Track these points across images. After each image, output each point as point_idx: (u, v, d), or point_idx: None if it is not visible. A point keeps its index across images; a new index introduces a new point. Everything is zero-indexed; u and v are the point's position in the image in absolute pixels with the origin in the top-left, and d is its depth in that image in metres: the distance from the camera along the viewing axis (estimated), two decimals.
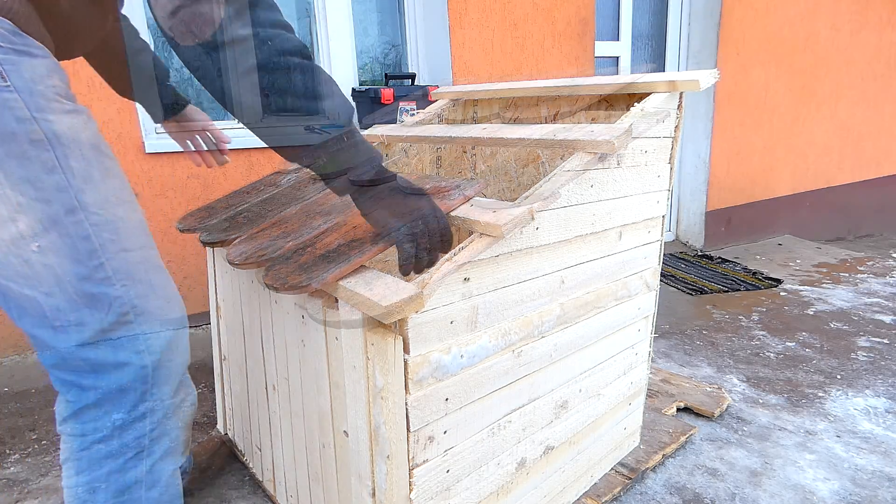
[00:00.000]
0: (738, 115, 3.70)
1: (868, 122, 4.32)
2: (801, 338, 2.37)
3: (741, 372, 2.07)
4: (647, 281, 1.36)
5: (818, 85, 3.98)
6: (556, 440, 1.20)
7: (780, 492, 1.41)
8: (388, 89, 2.30)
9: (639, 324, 1.38)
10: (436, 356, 0.88)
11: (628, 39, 3.47)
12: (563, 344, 1.14)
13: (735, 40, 3.53)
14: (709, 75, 1.20)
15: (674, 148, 1.31)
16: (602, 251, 1.19)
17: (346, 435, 0.97)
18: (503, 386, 1.03)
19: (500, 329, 0.99)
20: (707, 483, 1.45)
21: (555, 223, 1.04)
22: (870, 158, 4.44)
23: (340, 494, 1.04)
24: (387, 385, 0.83)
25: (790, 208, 4.13)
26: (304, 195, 1.27)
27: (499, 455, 1.06)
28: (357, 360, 0.88)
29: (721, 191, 3.78)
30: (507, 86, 1.58)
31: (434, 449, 0.92)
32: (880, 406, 1.82)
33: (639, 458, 1.47)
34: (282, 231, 1.09)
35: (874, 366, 2.10)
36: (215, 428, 1.66)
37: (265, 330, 1.20)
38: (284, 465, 1.25)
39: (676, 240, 3.97)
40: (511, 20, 2.84)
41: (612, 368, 1.32)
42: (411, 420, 0.87)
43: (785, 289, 3.01)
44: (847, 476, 1.47)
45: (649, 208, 1.29)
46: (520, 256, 0.99)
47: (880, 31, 4.13)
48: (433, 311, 0.86)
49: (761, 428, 1.69)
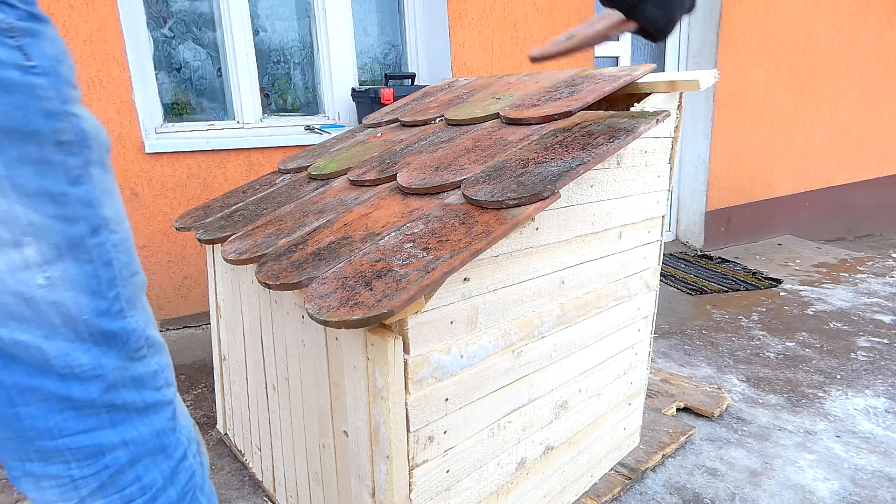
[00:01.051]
0: (738, 116, 3.70)
1: (868, 122, 4.32)
2: (801, 338, 2.37)
3: (741, 372, 2.07)
4: (647, 281, 1.36)
5: (818, 85, 3.98)
6: (555, 440, 1.20)
7: (780, 492, 1.41)
8: (388, 89, 2.30)
9: (639, 324, 1.38)
10: (436, 356, 0.88)
11: (628, 39, 3.47)
12: (562, 344, 1.14)
13: (735, 40, 3.53)
14: (709, 75, 1.20)
15: (674, 148, 1.31)
16: (602, 251, 1.19)
17: (346, 435, 0.97)
18: (503, 386, 1.03)
19: (500, 329, 0.99)
20: (707, 483, 1.45)
21: (555, 223, 1.04)
22: (870, 158, 4.44)
23: (340, 494, 1.04)
24: (387, 385, 0.83)
25: (790, 208, 4.14)
26: (299, 194, 1.27)
27: (499, 455, 1.06)
28: (357, 360, 0.88)
29: (721, 191, 3.78)
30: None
31: (434, 449, 0.92)
32: (880, 406, 1.82)
33: (639, 458, 1.48)
34: (276, 229, 1.09)
35: (874, 366, 2.10)
36: (215, 428, 1.66)
37: (265, 330, 1.20)
38: (284, 465, 1.25)
39: (676, 240, 3.97)
40: (511, 20, 2.84)
41: (611, 368, 1.32)
42: (411, 420, 0.87)
43: (785, 289, 3.01)
44: (847, 476, 1.47)
45: (649, 208, 1.29)
46: (520, 256, 0.99)
47: (880, 32, 4.13)
48: (433, 311, 0.86)
49: (761, 428, 1.69)
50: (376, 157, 1.29)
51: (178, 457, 0.72)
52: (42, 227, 0.55)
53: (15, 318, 0.56)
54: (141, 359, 0.67)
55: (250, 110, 2.50)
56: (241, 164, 2.39)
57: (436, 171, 1.07)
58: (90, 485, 0.64)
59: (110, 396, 0.63)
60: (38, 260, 0.56)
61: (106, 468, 0.65)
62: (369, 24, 2.75)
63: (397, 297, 0.74)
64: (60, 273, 0.57)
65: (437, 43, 2.74)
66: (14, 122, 0.52)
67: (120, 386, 0.64)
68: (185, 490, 0.73)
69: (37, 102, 0.53)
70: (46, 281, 0.56)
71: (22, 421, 0.60)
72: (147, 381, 0.67)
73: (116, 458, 0.65)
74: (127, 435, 0.66)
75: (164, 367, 0.70)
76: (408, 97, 1.80)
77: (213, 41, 2.43)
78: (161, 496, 0.69)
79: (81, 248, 0.59)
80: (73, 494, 0.64)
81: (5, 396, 0.59)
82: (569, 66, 3.07)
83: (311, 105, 2.72)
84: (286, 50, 2.61)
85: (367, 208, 1.05)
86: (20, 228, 0.54)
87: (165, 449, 0.70)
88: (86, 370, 0.61)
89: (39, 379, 0.59)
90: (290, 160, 1.55)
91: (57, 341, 0.59)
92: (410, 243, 0.87)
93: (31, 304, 0.56)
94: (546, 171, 0.92)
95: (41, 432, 0.61)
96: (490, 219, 0.86)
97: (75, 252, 0.58)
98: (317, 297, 0.81)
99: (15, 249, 0.54)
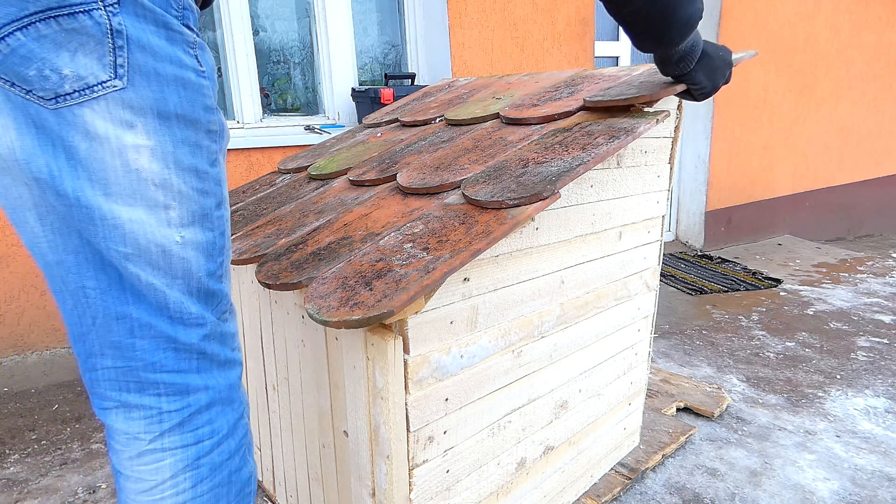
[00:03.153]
0: (738, 115, 3.70)
1: (868, 122, 4.32)
2: (801, 338, 2.37)
3: (741, 372, 2.07)
4: (647, 281, 1.36)
5: (818, 85, 3.98)
6: (555, 440, 1.20)
7: (780, 492, 1.41)
8: (388, 89, 2.30)
9: (638, 324, 1.38)
10: (436, 356, 0.88)
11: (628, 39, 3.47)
12: (562, 344, 1.14)
13: (735, 40, 3.53)
14: None
15: (674, 148, 1.31)
16: (602, 251, 1.19)
17: (346, 435, 0.97)
18: (503, 386, 1.03)
19: (500, 329, 0.99)
20: (707, 483, 1.45)
21: (555, 223, 1.04)
22: (870, 158, 4.44)
23: (340, 494, 1.04)
24: (387, 385, 0.83)
25: (790, 208, 4.14)
26: (299, 194, 1.27)
27: (499, 455, 1.06)
28: (357, 360, 0.88)
29: (721, 191, 3.78)
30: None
31: (434, 449, 0.92)
32: (880, 406, 1.82)
33: (639, 458, 1.48)
34: (276, 229, 1.09)
35: (874, 366, 2.10)
36: None
37: (265, 330, 1.20)
38: (284, 465, 1.25)
39: (676, 240, 3.97)
40: (511, 20, 2.84)
41: (611, 368, 1.32)
42: (411, 420, 0.87)
43: (785, 289, 3.01)
44: (847, 476, 1.47)
45: (649, 208, 1.29)
46: (520, 256, 0.99)
47: (880, 31, 4.13)
48: (433, 311, 0.86)
49: (761, 428, 1.69)
50: (376, 157, 1.29)
51: (240, 412, 0.82)
52: (187, 195, 0.68)
53: (152, 265, 0.68)
54: (226, 320, 0.79)
55: (250, 110, 2.50)
56: (241, 164, 2.39)
57: (436, 171, 1.07)
58: (172, 419, 0.74)
59: (204, 345, 0.75)
60: (178, 222, 0.68)
61: (188, 406, 0.75)
62: (369, 24, 2.75)
63: (397, 297, 0.74)
64: (191, 235, 0.70)
65: (437, 43, 2.74)
66: (186, 111, 0.66)
67: (212, 338, 0.75)
68: (241, 444, 0.83)
69: (202, 98, 0.67)
70: (182, 239, 0.69)
71: (136, 351, 0.71)
72: (228, 340, 0.79)
73: (198, 400, 0.76)
74: (210, 381, 0.77)
75: (237, 332, 0.82)
76: (408, 97, 1.80)
77: (213, 41, 2.43)
78: (224, 443, 0.79)
79: (208, 217, 0.72)
80: (156, 427, 0.74)
81: (128, 327, 0.70)
82: (569, 65, 3.07)
83: (311, 105, 2.72)
84: (286, 50, 2.61)
85: (367, 208, 1.05)
86: (171, 194, 0.67)
87: (233, 402, 0.80)
88: (193, 318, 0.73)
89: (158, 318, 0.71)
90: (290, 160, 1.55)
91: (176, 291, 0.71)
92: (410, 243, 0.87)
93: (167, 255, 0.69)
94: (546, 171, 0.92)
95: (147, 364, 0.72)
96: (490, 219, 0.86)
97: (204, 220, 0.71)
98: (317, 297, 0.81)
99: (165, 211, 0.67)
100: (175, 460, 0.76)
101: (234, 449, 0.81)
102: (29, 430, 1.72)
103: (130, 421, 0.74)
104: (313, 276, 0.86)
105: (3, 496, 1.43)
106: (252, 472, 0.86)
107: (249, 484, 0.85)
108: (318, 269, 0.88)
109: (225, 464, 0.80)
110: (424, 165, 1.12)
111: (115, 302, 0.70)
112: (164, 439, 0.76)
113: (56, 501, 1.41)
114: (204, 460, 0.78)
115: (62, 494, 1.44)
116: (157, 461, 0.76)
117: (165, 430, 0.75)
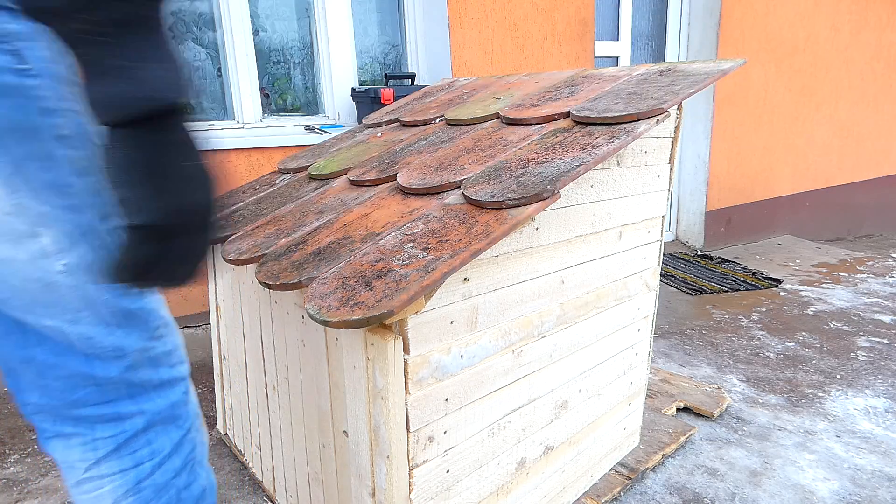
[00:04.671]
0: (738, 116, 3.70)
1: (868, 122, 4.32)
2: (801, 338, 2.37)
3: (741, 372, 2.07)
4: (647, 281, 1.36)
5: (818, 85, 3.98)
6: (555, 440, 1.20)
7: (780, 492, 1.41)
8: (388, 89, 2.30)
9: (638, 324, 1.38)
10: (436, 356, 0.88)
11: (628, 40, 3.47)
12: (562, 344, 1.14)
13: (735, 40, 3.53)
14: None
15: (674, 148, 1.31)
16: (602, 251, 1.19)
17: (346, 435, 0.97)
18: (503, 386, 1.03)
19: (500, 329, 0.99)
20: (707, 483, 1.45)
21: (555, 223, 1.04)
22: (870, 158, 4.44)
23: (340, 494, 1.04)
24: (387, 385, 0.83)
25: (790, 208, 4.13)
26: (299, 194, 1.27)
27: (499, 455, 1.06)
28: (357, 360, 0.88)
29: (721, 191, 3.78)
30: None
31: (434, 449, 0.92)
32: (880, 406, 1.82)
33: (639, 458, 1.48)
34: (276, 229, 1.09)
35: (874, 366, 2.10)
36: (215, 428, 1.66)
37: (265, 330, 1.20)
38: (284, 465, 1.25)
39: (676, 240, 3.97)
40: (511, 20, 2.84)
41: (611, 368, 1.32)
42: (411, 420, 0.87)
43: (785, 289, 3.01)
44: (847, 476, 1.47)
45: (649, 208, 1.29)
46: (520, 256, 0.99)
47: (880, 31, 4.13)
48: (433, 311, 0.86)
49: (761, 428, 1.69)
50: (376, 157, 1.29)
51: (186, 428, 0.78)
52: (53, 217, 0.58)
53: (40, 304, 0.61)
54: (160, 337, 0.72)
55: (250, 110, 2.50)
56: (241, 164, 2.39)
57: (436, 171, 1.07)
58: (108, 446, 0.71)
59: (129, 375, 0.69)
60: (54, 248, 0.59)
61: (123, 432, 0.71)
62: (369, 24, 2.75)
63: (397, 297, 0.74)
64: (77, 259, 0.60)
65: (437, 43, 2.74)
66: (13, 122, 0.55)
67: (140, 365, 0.70)
68: (188, 460, 0.79)
69: (34, 102, 0.56)
70: (64, 267, 0.60)
71: (53, 391, 0.67)
72: (164, 360, 0.73)
73: (133, 424, 0.71)
74: (145, 406, 0.72)
75: (177, 345, 0.76)
76: (408, 97, 1.79)
77: (212, 41, 2.43)
78: (166, 462, 0.75)
79: (93, 234, 0.61)
80: (90, 455, 0.71)
81: (36, 370, 0.65)
82: (569, 65, 3.07)
83: (311, 105, 2.71)
84: (286, 50, 2.61)
85: (367, 208, 1.05)
86: (33, 220, 0.57)
87: (177, 420, 0.76)
88: (108, 351, 0.66)
89: (65, 357, 0.65)
90: (290, 160, 1.55)
91: (81, 325, 0.63)
92: (410, 243, 0.87)
93: (52, 289, 0.60)
94: (546, 171, 0.92)
95: (68, 402, 0.67)
96: (490, 219, 0.86)
97: (88, 239, 0.61)
98: (317, 297, 0.81)
99: (32, 240, 0.58)
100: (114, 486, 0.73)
101: (179, 467, 0.77)
102: (29, 430, 1.72)
103: (69, 450, 0.71)
104: (313, 276, 0.86)
105: (3, 496, 1.43)
106: (206, 486, 0.82)
107: (204, 498, 0.81)
108: (319, 269, 0.88)
109: (170, 483, 0.76)
110: (424, 165, 1.12)
111: (16, 346, 0.65)
112: (100, 466, 0.72)
113: (56, 501, 1.41)
114: (146, 483, 0.74)
115: (62, 494, 1.44)
116: (95, 489, 0.73)
117: (101, 458, 0.71)
